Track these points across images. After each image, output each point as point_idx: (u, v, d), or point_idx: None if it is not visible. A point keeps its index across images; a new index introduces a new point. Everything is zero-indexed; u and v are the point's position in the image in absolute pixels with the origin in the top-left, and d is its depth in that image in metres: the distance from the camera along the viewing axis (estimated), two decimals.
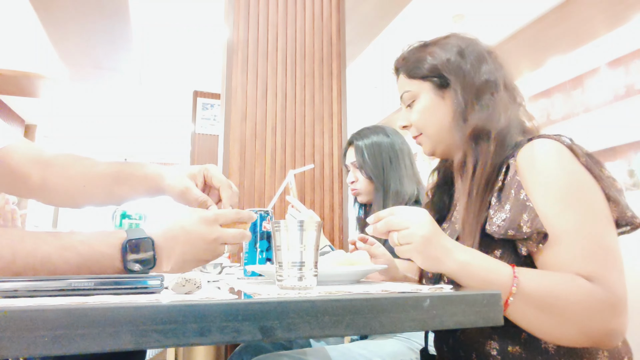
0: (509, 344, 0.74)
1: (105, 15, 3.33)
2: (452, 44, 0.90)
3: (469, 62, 0.87)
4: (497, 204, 0.76)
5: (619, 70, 4.12)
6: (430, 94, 0.91)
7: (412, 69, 0.93)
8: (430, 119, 0.91)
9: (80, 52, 3.94)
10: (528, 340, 0.72)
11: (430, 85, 0.91)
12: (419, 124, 0.93)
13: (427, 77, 0.91)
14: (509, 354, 0.73)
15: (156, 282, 0.52)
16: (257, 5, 2.12)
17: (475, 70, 0.86)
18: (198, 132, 4.68)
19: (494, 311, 0.53)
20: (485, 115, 0.82)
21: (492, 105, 0.84)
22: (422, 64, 0.91)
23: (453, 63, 0.88)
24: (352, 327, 0.46)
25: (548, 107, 4.81)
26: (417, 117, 0.93)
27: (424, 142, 0.95)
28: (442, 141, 0.92)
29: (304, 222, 0.56)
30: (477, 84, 0.85)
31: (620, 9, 3.41)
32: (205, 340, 0.40)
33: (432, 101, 0.91)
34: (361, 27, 3.53)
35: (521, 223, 0.70)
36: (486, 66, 0.87)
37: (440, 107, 0.90)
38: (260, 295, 0.49)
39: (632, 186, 3.93)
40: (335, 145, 2.14)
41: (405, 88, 0.95)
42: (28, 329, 0.36)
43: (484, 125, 0.82)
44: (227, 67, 2.04)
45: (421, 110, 0.92)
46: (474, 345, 0.78)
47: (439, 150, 0.94)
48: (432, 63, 0.90)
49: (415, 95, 0.93)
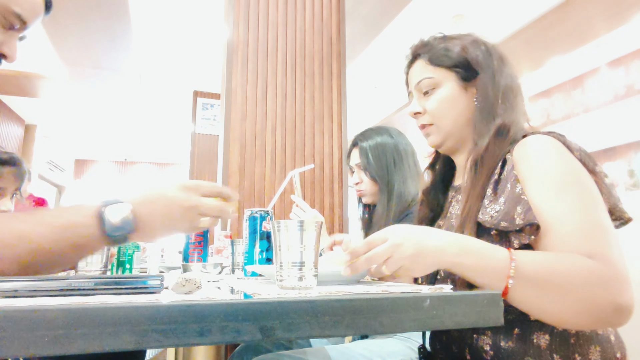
0: (502, 339, 0.74)
1: (105, 15, 3.33)
2: (477, 41, 0.92)
3: (495, 61, 0.89)
4: (492, 195, 0.77)
5: (619, 70, 4.12)
6: (454, 85, 0.90)
7: (439, 56, 0.91)
8: (449, 109, 0.90)
9: (80, 52, 3.94)
10: (520, 335, 0.73)
11: (455, 76, 0.90)
12: (436, 113, 0.91)
13: (454, 67, 0.90)
14: (502, 349, 0.74)
15: (156, 282, 0.52)
16: (257, 5, 2.12)
17: (501, 70, 0.88)
18: (198, 132, 4.69)
19: (494, 311, 0.53)
20: (510, 114, 0.84)
21: (516, 106, 0.86)
22: (450, 53, 0.90)
23: (482, 59, 0.88)
24: (352, 327, 0.46)
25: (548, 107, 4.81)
26: (436, 105, 0.91)
27: (434, 133, 0.93)
28: (454, 134, 0.91)
29: (304, 222, 0.56)
30: (503, 83, 0.87)
31: (620, 9, 3.41)
32: (205, 340, 0.40)
33: (455, 92, 0.90)
34: (361, 27, 3.53)
35: (514, 215, 0.71)
36: (508, 69, 0.90)
37: (462, 100, 0.90)
38: (260, 295, 0.49)
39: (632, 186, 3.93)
40: (335, 145, 2.14)
41: (426, 74, 0.92)
42: (28, 329, 0.36)
43: (509, 125, 0.83)
44: (227, 67, 2.04)
45: (442, 99, 0.90)
46: (467, 341, 0.79)
47: (448, 143, 0.93)
48: (462, 55, 0.89)
49: (438, 83, 0.91)
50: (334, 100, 2.16)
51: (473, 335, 0.78)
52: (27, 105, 5.58)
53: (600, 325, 0.67)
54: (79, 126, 6.51)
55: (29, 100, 5.34)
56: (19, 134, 6.07)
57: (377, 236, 0.66)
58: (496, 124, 0.83)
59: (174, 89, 5.03)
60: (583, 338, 0.71)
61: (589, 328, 0.69)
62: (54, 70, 4.38)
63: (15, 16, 0.77)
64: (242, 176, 1.96)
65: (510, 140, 0.81)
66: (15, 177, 1.74)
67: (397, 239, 0.64)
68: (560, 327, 0.71)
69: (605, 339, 0.72)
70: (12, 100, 5.43)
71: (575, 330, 0.71)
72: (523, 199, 0.72)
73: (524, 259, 0.64)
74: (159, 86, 5.00)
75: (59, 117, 6.10)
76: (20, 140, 6.12)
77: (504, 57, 0.91)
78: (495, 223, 0.73)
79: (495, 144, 0.82)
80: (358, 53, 3.96)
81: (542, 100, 4.87)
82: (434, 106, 0.91)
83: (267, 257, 0.95)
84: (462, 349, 0.80)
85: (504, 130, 0.82)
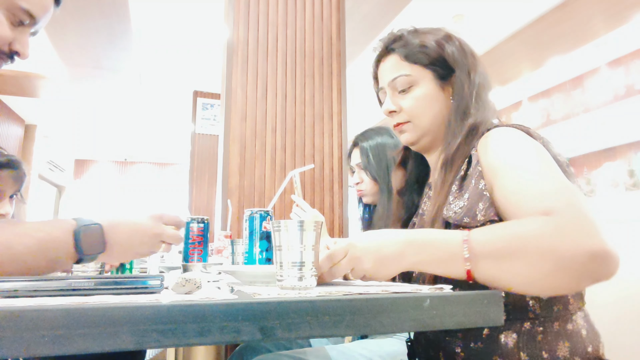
0: (472, 340, 0.74)
1: (105, 15, 3.33)
2: (450, 36, 0.90)
3: (469, 58, 0.88)
4: (457, 192, 0.77)
5: (619, 70, 4.12)
6: (432, 83, 0.88)
7: (415, 52, 0.88)
8: (427, 108, 0.88)
9: (80, 52, 3.94)
10: (489, 335, 0.73)
11: (432, 74, 0.88)
12: (413, 112, 0.89)
13: (432, 65, 0.88)
14: (472, 350, 0.74)
15: (156, 282, 0.52)
16: (257, 5, 2.12)
17: (475, 67, 0.87)
18: (198, 132, 4.68)
19: (494, 311, 0.53)
20: (482, 113, 0.84)
21: (487, 104, 0.86)
22: (427, 50, 0.88)
23: (457, 56, 0.87)
24: (352, 327, 0.46)
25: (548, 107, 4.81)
26: (414, 104, 0.89)
27: (410, 131, 0.91)
28: (430, 133, 0.90)
29: (304, 222, 0.56)
30: (477, 81, 0.86)
31: (620, 9, 3.41)
32: (205, 340, 0.40)
33: (432, 91, 0.88)
34: (361, 27, 3.53)
35: (477, 211, 0.71)
36: (480, 66, 0.89)
37: (439, 99, 0.89)
38: (260, 295, 0.49)
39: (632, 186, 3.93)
40: (335, 145, 2.14)
41: (402, 71, 0.89)
42: (28, 329, 0.36)
43: (480, 123, 0.83)
44: (227, 67, 2.04)
45: (420, 97, 0.88)
46: (441, 344, 0.79)
47: (423, 141, 0.91)
48: (438, 52, 0.87)
49: (414, 81, 0.88)
50: (334, 100, 2.17)
51: (446, 338, 0.78)
52: (27, 105, 5.58)
53: (585, 279, 0.58)
54: (79, 126, 6.50)
55: (29, 100, 5.34)
56: (19, 134, 6.06)
57: (338, 250, 0.66)
58: (469, 123, 0.83)
59: (174, 89, 5.03)
60: (551, 335, 0.71)
61: (576, 286, 0.61)
62: (54, 70, 4.38)
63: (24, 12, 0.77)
64: (242, 176, 1.96)
65: (477, 137, 0.81)
66: (14, 180, 1.74)
67: (356, 252, 0.65)
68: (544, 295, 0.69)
69: (575, 333, 0.72)
70: (12, 100, 5.43)
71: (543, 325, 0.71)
72: (485, 195, 0.72)
73: (476, 236, 0.62)
74: (159, 86, 5.00)
75: (59, 117, 6.10)
76: (20, 140, 6.12)
77: (474, 52, 0.90)
78: (458, 219, 0.73)
79: (465, 143, 0.82)
80: (358, 53, 3.96)
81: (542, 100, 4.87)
82: (412, 105, 0.89)
83: (267, 257, 0.95)
84: (437, 352, 0.80)
85: (474, 129, 0.82)
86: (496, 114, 0.87)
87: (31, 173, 6.00)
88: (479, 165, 0.76)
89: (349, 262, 0.65)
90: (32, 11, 0.78)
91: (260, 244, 0.95)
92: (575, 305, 0.75)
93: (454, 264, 0.62)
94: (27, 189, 4.86)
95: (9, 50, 0.79)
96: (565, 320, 0.73)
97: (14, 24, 0.77)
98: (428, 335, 0.83)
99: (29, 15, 0.78)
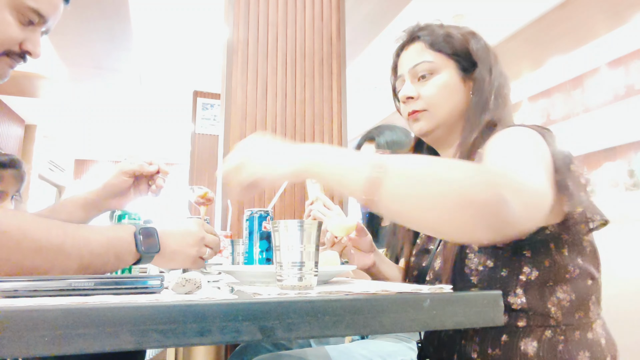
0: (489, 346, 0.73)
1: (105, 15, 3.33)
2: (476, 34, 0.91)
3: (492, 57, 0.88)
4: None
5: (619, 70, 4.12)
6: (454, 73, 0.88)
7: (440, 41, 0.88)
8: (446, 98, 0.87)
9: (80, 52, 3.94)
10: (508, 342, 0.72)
11: (455, 65, 0.88)
12: (432, 100, 0.87)
13: (455, 56, 0.88)
14: (489, 356, 0.73)
15: (156, 282, 0.52)
16: (257, 5, 2.12)
17: (497, 67, 0.88)
18: (198, 132, 4.68)
19: (494, 311, 0.53)
20: (500, 112, 0.84)
21: (506, 105, 0.86)
22: (452, 40, 0.88)
23: (482, 53, 0.87)
24: (352, 327, 0.46)
25: (548, 107, 4.81)
26: (434, 91, 0.87)
27: (426, 119, 0.88)
28: (445, 125, 0.89)
29: (304, 222, 0.56)
30: (498, 80, 0.86)
31: (620, 9, 3.41)
32: (205, 340, 0.40)
33: (454, 80, 0.87)
34: (361, 27, 3.53)
35: None
36: (502, 68, 0.89)
37: (460, 90, 0.88)
38: (260, 295, 0.49)
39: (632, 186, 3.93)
40: (335, 145, 2.14)
41: (425, 58, 0.88)
42: (28, 329, 0.36)
43: (497, 120, 0.82)
44: (227, 67, 2.04)
45: (441, 86, 0.87)
46: (456, 347, 0.78)
47: (437, 133, 0.89)
48: (464, 44, 0.87)
49: (436, 69, 0.87)
50: (334, 100, 2.16)
51: (461, 342, 0.77)
52: (27, 105, 5.58)
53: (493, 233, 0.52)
54: (79, 126, 6.50)
55: (29, 100, 5.34)
56: (19, 134, 6.06)
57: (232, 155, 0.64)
58: (486, 119, 0.82)
59: (174, 89, 5.03)
60: (572, 344, 0.70)
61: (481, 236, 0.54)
62: (54, 70, 4.38)
63: (32, 11, 0.77)
64: None
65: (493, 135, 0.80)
66: (15, 179, 1.75)
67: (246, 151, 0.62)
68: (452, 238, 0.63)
69: (595, 343, 0.71)
70: (12, 100, 5.43)
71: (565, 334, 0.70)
72: None
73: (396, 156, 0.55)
74: (159, 86, 5.00)
75: (59, 117, 6.10)
76: (20, 140, 6.12)
77: (497, 55, 0.90)
78: None
79: (482, 138, 0.80)
80: (358, 53, 3.96)
81: (542, 100, 4.87)
82: (432, 92, 0.87)
83: (267, 257, 0.95)
84: (451, 354, 0.79)
85: (491, 126, 0.82)
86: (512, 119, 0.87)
87: (31, 173, 6.00)
88: None
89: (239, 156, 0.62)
90: (41, 10, 0.78)
91: (260, 244, 0.95)
92: (595, 312, 0.75)
93: (358, 170, 0.53)
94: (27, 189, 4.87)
95: (21, 50, 0.79)
96: (585, 329, 0.72)
97: (24, 23, 0.77)
98: (442, 337, 0.82)
99: (38, 14, 0.78)
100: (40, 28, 0.81)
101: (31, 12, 0.77)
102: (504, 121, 0.83)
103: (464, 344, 0.76)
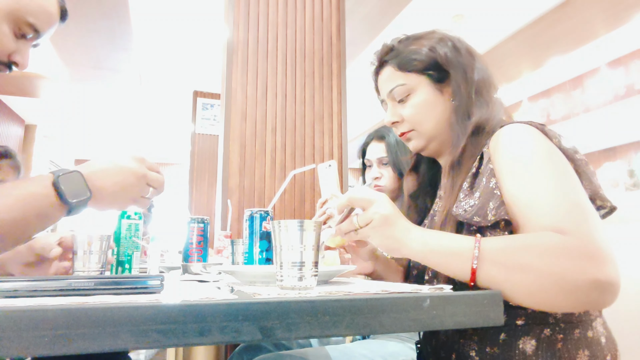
0: (488, 344, 0.73)
1: (105, 15, 3.33)
2: (443, 38, 0.89)
3: (464, 57, 0.87)
4: (468, 189, 0.77)
5: (619, 70, 4.12)
6: (429, 88, 0.88)
7: (407, 61, 0.88)
8: (428, 114, 0.88)
9: (80, 52, 3.94)
10: (506, 340, 0.71)
11: (427, 80, 0.88)
12: (414, 120, 0.89)
13: (425, 71, 0.87)
14: (487, 354, 0.73)
15: (156, 282, 0.52)
16: (257, 5, 2.12)
17: (472, 64, 0.86)
18: (198, 132, 4.68)
19: (494, 311, 0.53)
20: (485, 110, 0.83)
21: (491, 102, 0.84)
22: (418, 56, 0.87)
23: (451, 57, 0.86)
24: (352, 327, 0.46)
25: (548, 107, 4.81)
26: (413, 111, 0.88)
27: (415, 138, 0.91)
28: (436, 137, 0.89)
29: (304, 222, 0.56)
30: (476, 79, 0.85)
31: (620, 9, 3.41)
32: (205, 340, 0.40)
33: (430, 96, 0.87)
34: (361, 27, 3.53)
35: (487, 210, 0.70)
36: (478, 63, 0.87)
37: (439, 102, 0.88)
38: (260, 295, 0.49)
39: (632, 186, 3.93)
40: (335, 145, 2.14)
41: (397, 82, 0.89)
42: (28, 329, 0.36)
43: (485, 121, 0.81)
44: (227, 67, 2.04)
45: (418, 104, 0.88)
46: (454, 346, 0.78)
47: (431, 147, 0.91)
48: (430, 56, 0.87)
49: (411, 89, 0.88)
50: (334, 100, 2.17)
51: (460, 341, 0.77)
52: (27, 105, 5.58)
53: (583, 305, 0.62)
54: (79, 126, 6.50)
55: (29, 100, 5.34)
56: (19, 134, 6.06)
57: (362, 189, 0.72)
58: (472, 123, 0.82)
59: (174, 89, 5.03)
60: (571, 342, 0.69)
61: (571, 309, 0.65)
62: (54, 70, 4.38)
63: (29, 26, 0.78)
64: (242, 176, 1.96)
65: (488, 135, 0.80)
66: (13, 169, 1.75)
67: (380, 198, 0.70)
68: (540, 309, 0.67)
69: (595, 342, 0.71)
70: (12, 100, 5.43)
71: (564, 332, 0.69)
72: (496, 194, 0.71)
73: (490, 240, 0.63)
74: (159, 86, 5.00)
75: (59, 117, 6.10)
76: (20, 140, 6.12)
77: (471, 50, 0.89)
78: (468, 217, 0.72)
79: (472, 143, 0.81)
80: (358, 53, 3.96)
81: (542, 100, 4.87)
82: (412, 113, 0.89)
83: (267, 257, 0.95)
84: (449, 354, 0.79)
85: (480, 128, 0.81)
86: (504, 111, 0.86)
87: (31, 173, 6.00)
88: (490, 163, 0.75)
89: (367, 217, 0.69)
90: (37, 26, 0.79)
91: (260, 244, 0.95)
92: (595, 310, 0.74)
93: (461, 259, 0.63)
94: None
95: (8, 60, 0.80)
96: (585, 328, 0.71)
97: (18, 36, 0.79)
98: (440, 337, 0.82)
99: (34, 29, 0.79)
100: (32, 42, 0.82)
101: (28, 26, 0.78)
102: (491, 119, 0.82)
103: (463, 343, 0.76)
